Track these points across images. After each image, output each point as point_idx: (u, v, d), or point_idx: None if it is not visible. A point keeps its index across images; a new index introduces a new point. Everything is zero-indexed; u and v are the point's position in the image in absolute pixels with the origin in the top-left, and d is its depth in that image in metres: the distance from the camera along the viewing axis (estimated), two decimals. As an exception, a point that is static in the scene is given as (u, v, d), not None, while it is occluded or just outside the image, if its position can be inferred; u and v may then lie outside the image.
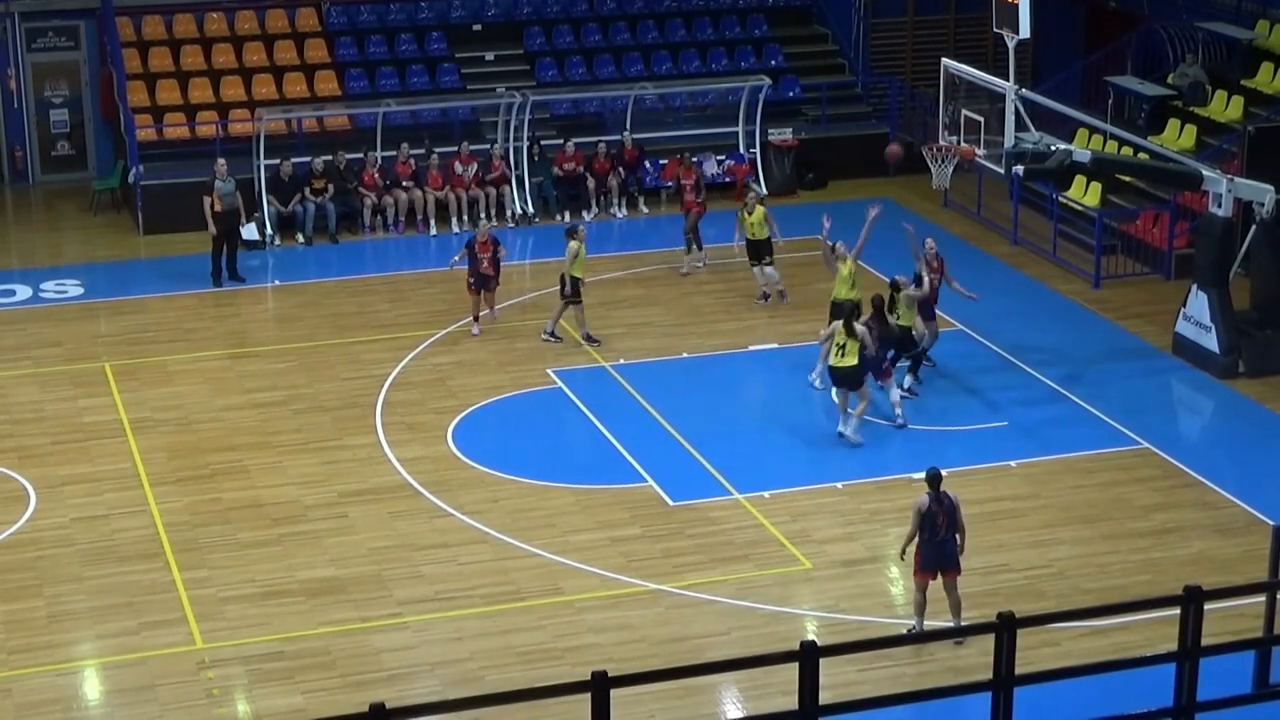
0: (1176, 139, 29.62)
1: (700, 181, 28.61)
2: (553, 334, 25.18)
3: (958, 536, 17.38)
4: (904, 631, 17.79)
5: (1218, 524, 20.27)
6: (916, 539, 17.33)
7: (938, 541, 17.29)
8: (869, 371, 22.00)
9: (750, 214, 26.36)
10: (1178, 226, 28.08)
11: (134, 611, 18.38)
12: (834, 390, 22.48)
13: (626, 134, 31.50)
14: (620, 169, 31.07)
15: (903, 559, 17.73)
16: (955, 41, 36.39)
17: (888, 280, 23.90)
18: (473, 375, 24.23)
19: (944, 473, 17.50)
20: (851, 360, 21.66)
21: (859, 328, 21.75)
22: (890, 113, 33.86)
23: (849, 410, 22.07)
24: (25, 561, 19.42)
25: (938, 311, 24.09)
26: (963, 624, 17.53)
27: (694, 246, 28.02)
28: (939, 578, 17.47)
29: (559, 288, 25.22)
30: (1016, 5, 24.06)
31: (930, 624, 17.74)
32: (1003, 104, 24.32)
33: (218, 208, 27.49)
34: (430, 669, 17.35)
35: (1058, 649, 17.25)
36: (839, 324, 21.82)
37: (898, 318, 22.93)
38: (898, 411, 22.47)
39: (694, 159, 29.56)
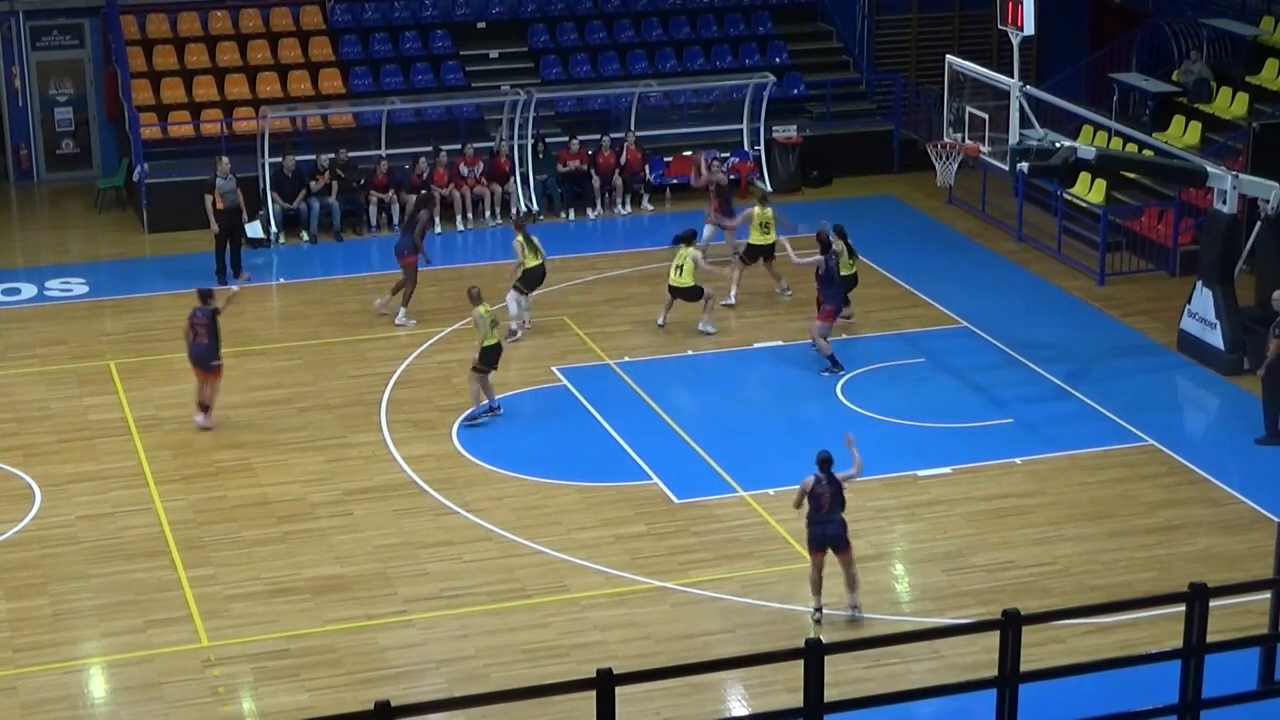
0: (1181, 136, 29.60)
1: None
2: (493, 405, 22.89)
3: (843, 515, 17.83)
4: (810, 616, 18.00)
5: (1223, 521, 20.26)
6: (806, 517, 17.82)
7: (822, 520, 17.68)
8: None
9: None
10: (1182, 223, 28.07)
11: (139, 609, 18.39)
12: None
13: (631, 135, 31.46)
14: (624, 173, 31.00)
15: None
16: (959, 38, 36.39)
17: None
18: (477, 373, 24.22)
19: (950, 470, 17.48)
20: (689, 280, 24.81)
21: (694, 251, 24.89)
22: (895, 110, 33.86)
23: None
24: (31, 559, 19.44)
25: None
26: (857, 600, 17.98)
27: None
28: (827, 554, 17.85)
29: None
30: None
31: (933, 621, 17.77)
32: (1007, 101, 24.31)
33: (219, 205, 27.50)
34: (436, 666, 17.37)
35: (1063, 646, 17.25)
36: (684, 247, 24.88)
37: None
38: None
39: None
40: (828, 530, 17.71)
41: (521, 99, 31.04)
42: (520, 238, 25.21)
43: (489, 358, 22.56)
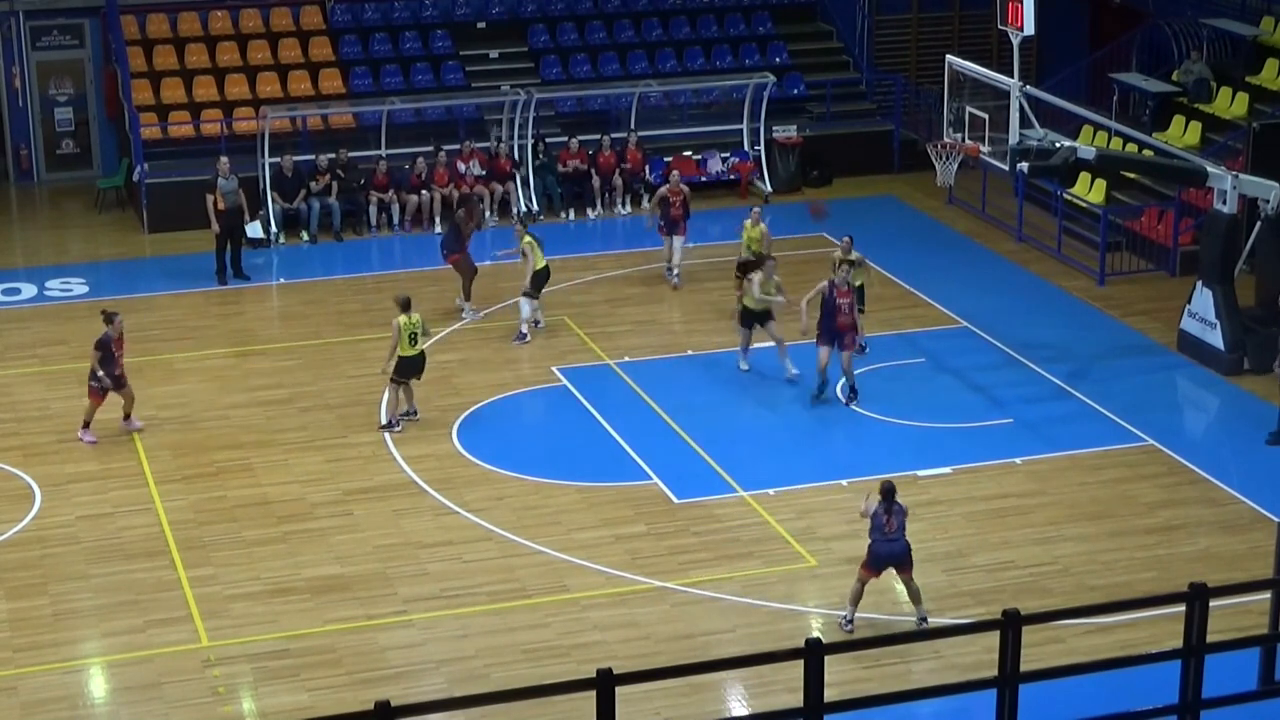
0: (1181, 136, 29.60)
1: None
2: (410, 413, 22.69)
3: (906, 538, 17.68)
4: (839, 624, 17.91)
5: (1223, 521, 20.26)
6: (870, 535, 17.69)
7: (888, 539, 17.53)
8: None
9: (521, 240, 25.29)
10: (1182, 223, 28.06)
11: (139, 609, 18.39)
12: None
13: (632, 135, 31.46)
14: (624, 173, 31.06)
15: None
16: (959, 38, 36.38)
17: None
18: (477, 373, 24.23)
19: (950, 469, 17.31)
20: (749, 303, 23.74)
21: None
22: (895, 109, 33.86)
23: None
24: (31, 559, 19.44)
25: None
26: (924, 612, 17.83)
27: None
28: (880, 575, 17.74)
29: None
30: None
31: (933, 621, 17.77)
32: (1007, 101, 24.30)
33: (221, 206, 27.50)
34: (436, 666, 17.36)
35: (1063, 646, 17.25)
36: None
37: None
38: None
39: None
40: (894, 549, 17.57)
41: (521, 99, 31.05)
42: (530, 238, 25.20)
43: (405, 369, 22.30)
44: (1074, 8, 35.50)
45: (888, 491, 17.60)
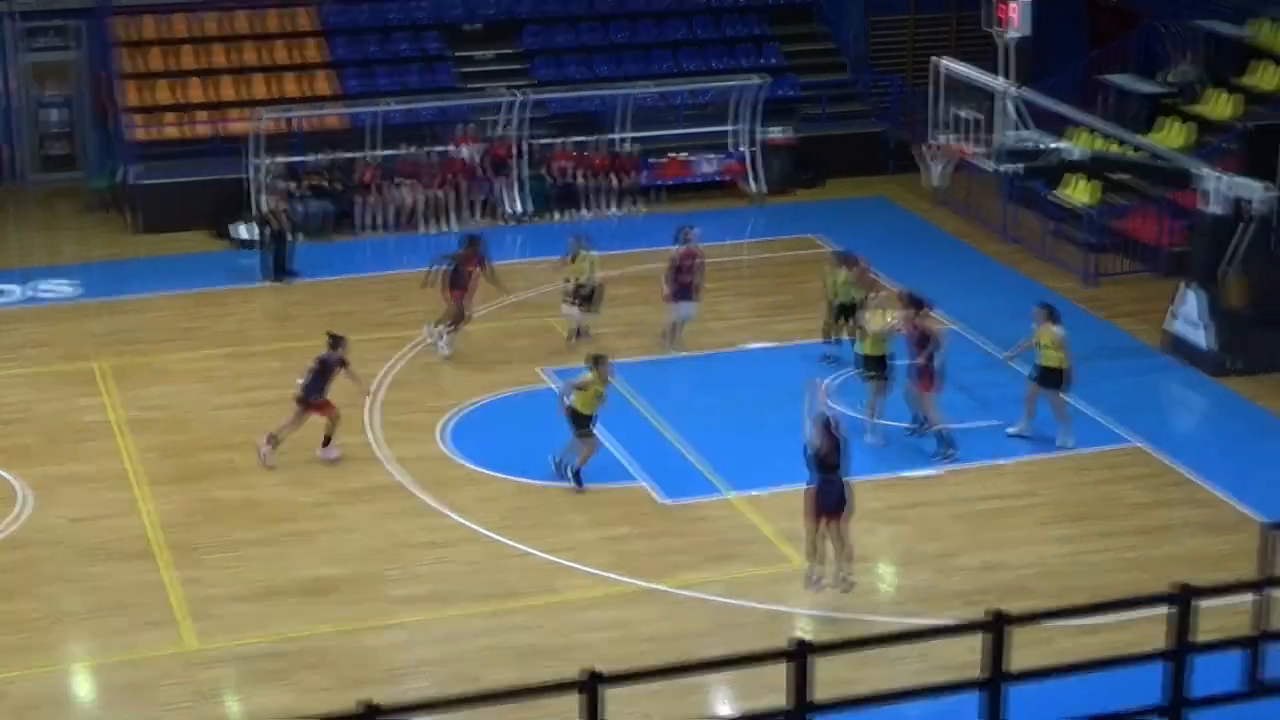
0: (1174, 137, 29.62)
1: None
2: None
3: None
4: (810, 579, 18.14)
5: (1209, 521, 20.28)
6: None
7: (826, 480, 17.72)
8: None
9: (573, 261, 25.14)
10: (1171, 224, 28.07)
11: (127, 612, 18.37)
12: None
13: (625, 137, 31.44)
14: (616, 174, 31.06)
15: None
16: (957, 39, 36.34)
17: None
18: (466, 374, 24.23)
19: (938, 471, 17.26)
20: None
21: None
22: (891, 111, 33.85)
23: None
24: (17, 562, 19.42)
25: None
26: (849, 571, 18.12)
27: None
28: (828, 523, 17.91)
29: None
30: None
31: (920, 622, 17.78)
32: (999, 103, 24.34)
33: (283, 205, 27.76)
34: (425, 668, 17.36)
35: (1049, 647, 17.23)
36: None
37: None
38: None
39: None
40: (831, 490, 17.78)
41: (514, 100, 31.04)
42: (591, 253, 24.98)
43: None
44: (1070, 9, 35.51)
45: (822, 423, 17.76)
